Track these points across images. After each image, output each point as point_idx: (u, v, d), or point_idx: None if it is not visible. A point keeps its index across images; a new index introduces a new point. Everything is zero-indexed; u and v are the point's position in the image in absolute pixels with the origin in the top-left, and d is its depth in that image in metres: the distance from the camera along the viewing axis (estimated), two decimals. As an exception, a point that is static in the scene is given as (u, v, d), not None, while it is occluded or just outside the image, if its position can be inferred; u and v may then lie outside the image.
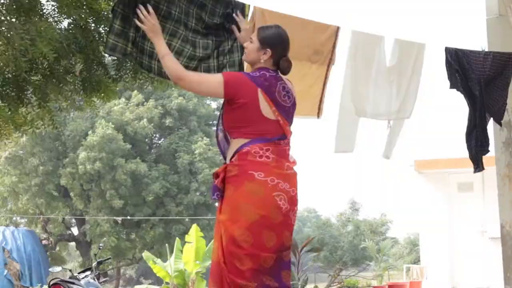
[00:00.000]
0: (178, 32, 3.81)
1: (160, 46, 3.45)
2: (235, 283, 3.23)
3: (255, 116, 3.34)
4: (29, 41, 4.37)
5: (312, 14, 5.07)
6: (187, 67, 3.72)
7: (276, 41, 3.45)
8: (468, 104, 5.20)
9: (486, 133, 5.25)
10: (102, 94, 5.59)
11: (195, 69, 3.88)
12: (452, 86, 5.14)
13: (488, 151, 5.30)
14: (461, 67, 5.09)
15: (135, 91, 23.37)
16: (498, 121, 5.36)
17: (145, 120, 23.27)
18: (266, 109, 3.36)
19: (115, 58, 5.57)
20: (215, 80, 3.36)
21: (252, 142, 3.33)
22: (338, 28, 4.78)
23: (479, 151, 5.24)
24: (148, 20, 3.48)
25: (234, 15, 3.94)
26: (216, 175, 3.41)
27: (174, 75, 3.38)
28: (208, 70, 3.96)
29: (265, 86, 3.36)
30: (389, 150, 5.35)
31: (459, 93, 5.20)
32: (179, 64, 3.43)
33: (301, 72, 4.63)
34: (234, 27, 3.93)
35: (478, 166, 5.33)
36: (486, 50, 5.52)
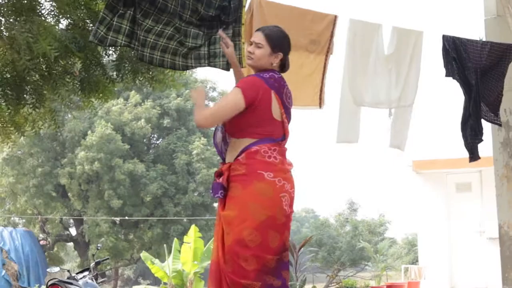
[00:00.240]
0: (172, 23, 3.90)
1: (199, 103, 3.45)
2: (238, 283, 3.23)
3: (266, 118, 3.36)
4: (32, 39, 4.38)
5: (310, 3, 5.05)
6: (177, 50, 3.88)
7: (286, 44, 3.48)
8: (463, 93, 5.20)
9: (480, 122, 5.26)
10: (100, 95, 5.60)
11: (185, 55, 3.95)
12: (448, 74, 5.13)
13: (482, 140, 5.31)
14: (458, 55, 5.09)
15: (133, 91, 23.33)
16: (494, 111, 5.36)
17: (143, 120, 23.22)
18: (276, 110, 3.38)
19: (114, 59, 5.59)
20: (232, 96, 3.33)
21: (260, 142, 3.34)
22: (335, 17, 4.77)
23: (474, 140, 5.25)
24: (198, 94, 3.51)
25: (219, 31, 3.85)
26: (219, 174, 3.40)
27: (198, 119, 3.37)
28: (198, 58, 4.04)
29: (276, 88, 3.39)
30: (397, 140, 5.27)
31: (457, 92, 5.20)
32: (205, 110, 3.42)
33: (298, 61, 4.61)
34: (222, 44, 3.88)
35: (474, 155, 5.34)
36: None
